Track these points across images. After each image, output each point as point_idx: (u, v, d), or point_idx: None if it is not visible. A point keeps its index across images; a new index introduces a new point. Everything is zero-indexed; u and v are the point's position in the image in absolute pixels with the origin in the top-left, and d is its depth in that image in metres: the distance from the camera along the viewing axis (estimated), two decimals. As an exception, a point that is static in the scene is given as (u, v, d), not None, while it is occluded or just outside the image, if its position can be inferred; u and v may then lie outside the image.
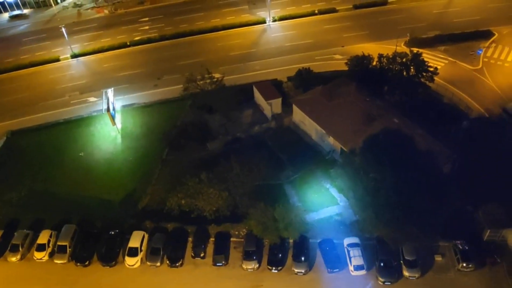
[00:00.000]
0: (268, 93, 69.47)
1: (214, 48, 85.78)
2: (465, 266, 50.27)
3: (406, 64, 65.48)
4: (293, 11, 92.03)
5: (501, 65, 75.03)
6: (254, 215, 53.38)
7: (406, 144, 52.37)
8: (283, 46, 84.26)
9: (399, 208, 47.08)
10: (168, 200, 57.45)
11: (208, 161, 62.51)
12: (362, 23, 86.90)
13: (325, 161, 60.88)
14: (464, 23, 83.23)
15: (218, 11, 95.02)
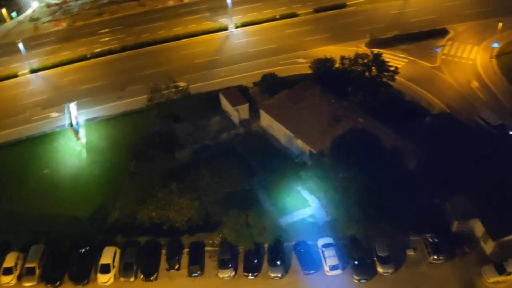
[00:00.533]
0: (234, 99, 69.43)
1: (178, 56, 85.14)
2: (436, 259, 51.59)
3: (368, 65, 66.90)
4: (254, 17, 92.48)
5: (458, 62, 77.68)
6: (227, 223, 53.13)
7: (373, 142, 53.41)
8: (247, 52, 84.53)
9: (370, 206, 47.88)
10: (138, 213, 56.33)
11: (177, 171, 61.72)
12: (323, 26, 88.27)
13: (295, 164, 61.19)
14: (421, 22, 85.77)
15: (179, 19, 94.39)
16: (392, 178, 49.10)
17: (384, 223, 48.72)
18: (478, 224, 52.46)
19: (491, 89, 71.55)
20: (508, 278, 49.39)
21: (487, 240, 51.48)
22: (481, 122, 65.13)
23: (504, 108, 68.35)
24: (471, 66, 76.35)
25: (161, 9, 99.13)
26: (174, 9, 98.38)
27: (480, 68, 75.53)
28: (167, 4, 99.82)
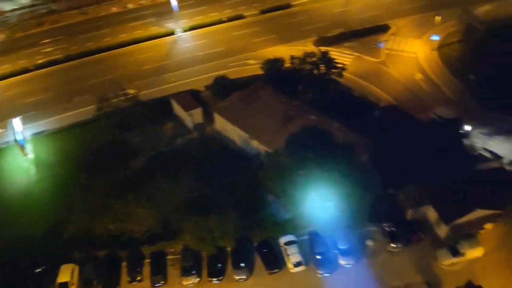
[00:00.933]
0: (187, 104, 68.77)
1: (126, 63, 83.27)
2: (394, 247, 53.32)
3: (316, 63, 68.24)
4: (201, 20, 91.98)
5: (400, 55, 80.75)
6: (188, 229, 52.53)
7: (325, 138, 54.41)
8: (196, 55, 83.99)
9: (328, 200, 48.73)
10: (95, 227, 54.63)
11: (132, 180, 60.44)
12: (270, 27, 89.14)
13: (252, 164, 61.28)
14: (363, 19, 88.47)
15: (124, 25, 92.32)
16: (347, 171, 50.20)
17: (343, 216, 49.74)
18: (431, 210, 54.71)
19: (434, 80, 74.88)
20: (462, 259, 51.85)
21: (440, 224, 53.81)
22: (437, 118, 67.47)
23: (447, 98, 71.69)
24: (413, 59, 79.60)
25: (104, 16, 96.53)
26: (118, 16, 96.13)
27: (423, 61, 78.90)
28: (110, 11, 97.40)
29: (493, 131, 64.19)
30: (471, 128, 63.86)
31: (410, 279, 51.14)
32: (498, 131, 63.97)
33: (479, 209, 51.68)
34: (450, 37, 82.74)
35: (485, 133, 63.18)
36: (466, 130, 64.07)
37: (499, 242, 53.85)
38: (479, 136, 62.91)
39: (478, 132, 63.18)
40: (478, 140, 62.77)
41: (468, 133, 63.25)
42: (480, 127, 64.03)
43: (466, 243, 52.22)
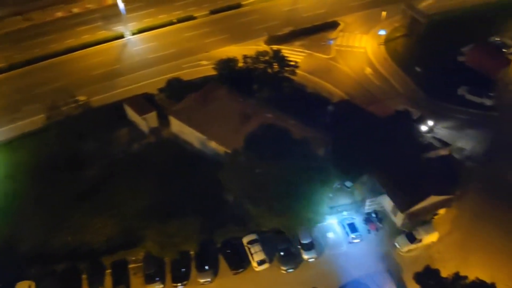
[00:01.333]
0: (141, 108, 67.50)
1: (74, 69, 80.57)
2: (354, 238, 54.72)
3: (269, 62, 68.77)
4: (150, 22, 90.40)
5: (350, 51, 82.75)
6: (149, 236, 51.73)
7: (283, 135, 54.99)
8: (147, 58, 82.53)
9: (288, 197, 49.31)
10: (51, 240, 52.71)
11: (89, 189, 58.83)
12: (221, 27, 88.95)
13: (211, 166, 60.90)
14: (312, 17, 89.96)
15: (71, 31, 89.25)
16: (305, 167, 50.97)
17: (303, 211, 50.49)
18: (387, 199, 56.51)
19: (383, 74, 77.32)
20: (419, 245, 53.92)
21: (397, 213, 55.71)
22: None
23: (396, 90, 74.21)
24: (363, 54, 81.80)
25: (49, 22, 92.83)
26: (64, 21, 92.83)
27: (371, 55, 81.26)
28: (55, 16, 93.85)
29: (440, 120, 67.32)
30: (433, 124, 65.99)
31: (372, 268, 52.62)
32: (445, 120, 67.09)
33: (433, 195, 53.86)
34: (396, 31, 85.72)
35: (433, 123, 65.90)
36: (424, 123, 66.09)
37: (452, 225, 56.46)
38: (429, 125, 65.56)
39: (428, 122, 65.77)
40: (427, 129, 65.40)
41: (418, 123, 65.71)
42: (428, 117, 66.65)
43: (422, 229, 54.35)
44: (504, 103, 70.86)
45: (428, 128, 65.71)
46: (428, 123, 65.92)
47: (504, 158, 62.94)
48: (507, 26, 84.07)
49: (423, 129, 65.50)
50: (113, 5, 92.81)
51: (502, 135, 66.13)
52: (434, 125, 66.16)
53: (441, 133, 65.82)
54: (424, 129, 65.55)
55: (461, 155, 63.61)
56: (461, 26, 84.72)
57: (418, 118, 66.66)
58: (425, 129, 65.57)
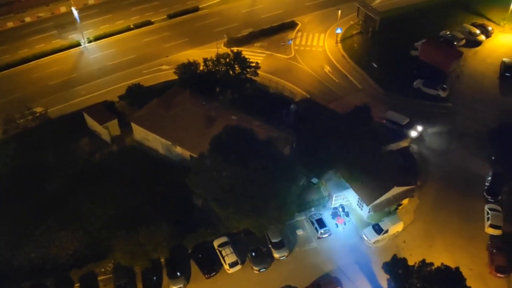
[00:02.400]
0: (101, 117, 66.25)
1: (30, 80, 78.03)
2: (323, 233, 55.64)
3: (231, 64, 68.93)
4: (107, 29, 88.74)
5: (309, 50, 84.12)
6: (118, 246, 50.73)
7: (248, 136, 55.29)
8: (106, 65, 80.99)
9: (256, 197, 49.60)
10: (14, 258, 50.91)
11: (52, 203, 57.19)
12: (180, 31, 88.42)
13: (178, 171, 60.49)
14: (271, 18, 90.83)
15: (23, 41, 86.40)
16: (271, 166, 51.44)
17: (272, 210, 50.91)
18: (352, 193, 57.79)
19: (342, 71, 78.98)
20: (385, 236, 55.42)
21: (362, 206, 57.07)
22: (389, 125, 67.62)
23: (356, 87, 76.01)
24: (321, 53, 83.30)
25: (0, 33, 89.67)
26: (16, 31, 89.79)
27: (329, 53, 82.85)
28: (6, 26, 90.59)
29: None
30: (421, 129, 66.03)
31: (342, 261, 53.70)
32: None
33: (396, 187, 55.52)
34: (352, 29, 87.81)
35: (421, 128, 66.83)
36: (417, 130, 65.66)
37: (415, 214, 58.35)
38: (417, 131, 66.56)
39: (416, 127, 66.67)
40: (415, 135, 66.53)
41: (407, 128, 66.38)
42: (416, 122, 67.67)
43: (387, 220, 55.89)
44: (457, 94, 73.86)
45: (416, 134, 66.07)
46: (417, 128, 66.18)
47: (458, 147, 65.63)
48: (457, 20, 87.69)
49: (412, 135, 65.91)
50: (67, 12, 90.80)
51: (456, 124, 68.92)
52: (422, 131, 66.60)
53: (393, 115, 68.19)
54: (413, 134, 65.93)
55: (420, 146, 65.61)
56: (413, 21, 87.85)
57: (421, 128, 66.39)
58: (414, 135, 65.99)
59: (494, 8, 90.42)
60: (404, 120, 67.25)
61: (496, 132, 66.96)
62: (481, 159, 63.78)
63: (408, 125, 66.65)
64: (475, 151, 64.94)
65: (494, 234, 55.58)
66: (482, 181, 61.19)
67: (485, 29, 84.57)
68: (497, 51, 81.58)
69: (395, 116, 68.05)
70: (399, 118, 67.72)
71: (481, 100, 72.61)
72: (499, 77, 76.51)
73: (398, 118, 67.77)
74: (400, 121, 67.29)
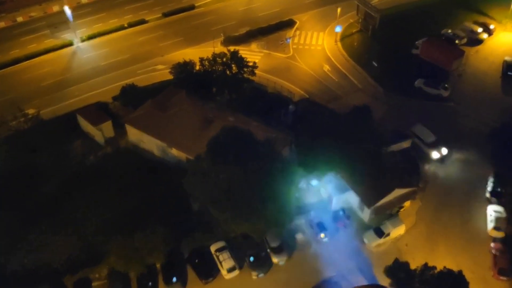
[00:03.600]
0: (95, 118, 64.75)
1: (21, 81, 76.46)
2: (323, 237, 54.36)
3: (227, 63, 67.57)
4: (100, 28, 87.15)
5: (307, 49, 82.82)
6: (112, 251, 49.49)
7: (245, 138, 54.00)
8: (99, 65, 79.44)
9: (255, 200, 48.35)
10: (7, 263, 49.58)
11: (45, 206, 55.76)
12: (175, 29, 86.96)
13: (174, 173, 59.14)
14: (268, 16, 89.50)
15: (15, 41, 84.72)
16: (269, 168, 50.20)
17: (271, 214, 49.63)
18: (353, 196, 56.53)
19: (341, 71, 77.72)
20: (387, 239, 54.20)
21: (363, 208, 55.81)
22: (415, 139, 63.87)
23: (355, 86, 74.73)
24: (320, 52, 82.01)
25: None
26: (7, 31, 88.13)
27: (329, 52, 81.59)
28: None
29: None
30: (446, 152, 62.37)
31: (343, 265, 52.46)
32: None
33: (397, 189, 54.29)
34: (351, 27, 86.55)
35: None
36: (441, 152, 61.66)
37: (417, 217, 57.15)
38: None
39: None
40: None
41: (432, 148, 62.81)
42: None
43: (389, 223, 54.65)
44: (459, 93, 72.69)
45: (438, 156, 62.45)
46: (442, 150, 62.52)
47: (461, 147, 64.33)
48: (458, 18, 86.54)
49: (433, 156, 62.23)
50: (60, 12, 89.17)
51: (458, 125, 67.71)
52: (446, 155, 62.73)
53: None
54: (434, 156, 62.29)
55: (437, 169, 62.07)
56: (413, 19, 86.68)
57: (432, 142, 62.84)
58: (435, 156, 62.34)
59: (496, 6, 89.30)
60: (430, 138, 63.10)
61: (498, 132, 65.81)
62: (483, 159, 62.60)
63: (433, 144, 62.57)
64: (477, 151, 63.72)
65: (497, 236, 54.54)
66: (484, 182, 60.05)
67: (486, 27, 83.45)
68: (499, 49, 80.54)
69: (422, 131, 63.69)
70: (425, 134, 63.39)
71: (483, 99, 71.46)
72: (501, 76, 75.43)
73: (424, 134, 63.43)
74: (425, 137, 63.13)
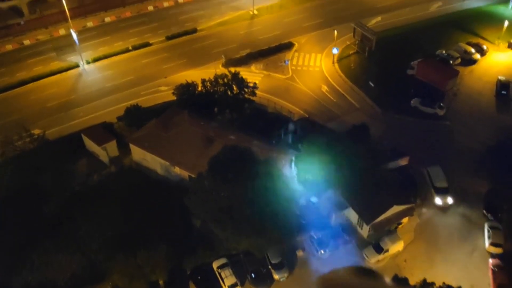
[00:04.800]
0: (99, 138, 66.19)
1: (27, 103, 78.20)
2: (323, 253, 55.10)
3: (229, 84, 69.35)
4: (106, 51, 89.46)
5: (306, 70, 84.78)
6: (116, 269, 50.10)
7: (246, 156, 55.25)
8: (104, 87, 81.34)
9: (255, 217, 49.30)
10: (11, 282, 50.12)
11: (49, 225, 56.53)
12: (179, 52, 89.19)
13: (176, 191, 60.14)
14: (268, 38, 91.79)
15: (22, 63, 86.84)
16: (270, 187, 51.28)
17: (272, 231, 50.54)
18: (352, 212, 57.50)
19: (339, 91, 79.50)
20: (386, 255, 54.93)
21: (362, 225, 56.70)
22: (426, 177, 63.06)
23: (353, 106, 76.38)
24: (318, 73, 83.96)
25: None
26: (15, 53, 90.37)
27: (327, 73, 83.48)
28: (5, 49, 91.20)
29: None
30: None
31: (343, 281, 53.01)
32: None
33: (396, 205, 55.30)
34: (348, 49, 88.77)
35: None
36: (447, 201, 59.64)
37: (416, 233, 57.96)
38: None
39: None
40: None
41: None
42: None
43: (388, 239, 55.45)
44: (454, 112, 74.29)
45: (441, 204, 60.22)
46: (448, 199, 60.23)
47: (456, 165, 65.51)
48: (452, 39, 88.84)
49: (436, 202, 60.52)
50: (66, 35, 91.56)
51: (454, 142, 69.05)
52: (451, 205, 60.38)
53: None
54: (437, 202, 60.41)
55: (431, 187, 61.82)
56: (409, 41, 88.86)
57: (441, 188, 60.36)
58: (438, 203, 60.40)
59: (488, 27, 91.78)
60: (441, 183, 60.58)
61: (493, 150, 67.10)
62: (479, 176, 63.72)
63: (441, 190, 60.54)
64: (474, 168, 64.90)
65: (495, 252, 55.18)
66: (481, 199, 61.00)
67: (480, 48, 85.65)
68: (493, 69, 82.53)
69: (437, 174, 61.40)
70: (438, 178, 61.01)
71: (478, 118, 73.04)
72: (495, 95, 77.16)
73: (437, 177, 61.06)
74: (436, 181, 60.97)
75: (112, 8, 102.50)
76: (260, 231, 49.75)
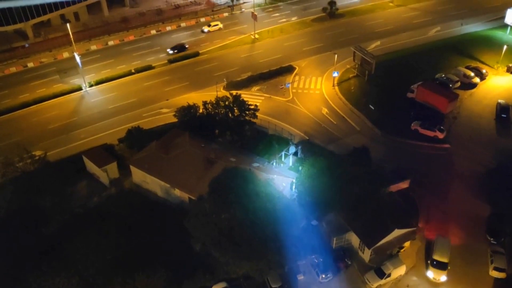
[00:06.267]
0: (100, 160, 66.23)
1: (29, 124, 78.66)
2: (324, 277, 54.35)
3: (230, 107, 69.78)
4: (109, 73, 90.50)
5: (306, 93, 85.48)
6: (114, 292, 49.43)
7: (247, 178, 55.13)
8: (106, 109, 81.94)
9: (256, 240, 48.83)
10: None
11: (47, 247, 55.96)
12: (180, 75, 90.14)
13: (177, 214, 59.82)
14: (269, 62, 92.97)
15: (25, 85, 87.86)
16: (271, 208, 50.98)
17: (272, 254, 49.99)
18: (354, 236, 56.96)
19: (339, 114, 79.91)
20: (388, 279, 54.12)
21: (364, 249, 56.08)
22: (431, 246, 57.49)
23: (354, 129, 76.64)
24: (319, 96, 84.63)
25: (2, 77, 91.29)
26: (18, 76, 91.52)
27: (327, 96, 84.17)
28: (9, 71, 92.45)
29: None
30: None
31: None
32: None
33: (397, 229, 54.80)
34: (348, 72, 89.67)
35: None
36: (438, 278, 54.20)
37: (417, 257, 57.23)
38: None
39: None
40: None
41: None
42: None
43: (389, 263, 54.70)
44: (454, 135, 74.42)
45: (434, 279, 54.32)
46: (441, 277, 54.03)
47: (457, 188, 65.27)
48: (451, 63, 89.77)
49: (430, 276, 54.64)
50: (69, 58, 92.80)
51: (454, 165, 68.93)
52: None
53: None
54: (430, 276, 54.58)
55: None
56: (408, 65, 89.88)
57: (441, 263, 54.28)
58: (431, 277, 54.44)
59: (487, 51, 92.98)
60: (441, 257, 55.13)
61: (494, 172, 66.93)
62: (480, 200, 63.39)
63: (438, 264, 54.81)
64: (475, 191, 64.61)
65: (499, 277, 54.40)
66: (483, 223, 60.51)
67: (479, 71, 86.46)
68: (492, 92, 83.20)
69: (442, 246, 56.58)
70: (441, 251, 55.83)
71: (478, 141, 73.14)
72: (495, 118, 77.45)
73: (441, 250, 55.96)
74: (437, 253, 55.58)
75: (116, 32, 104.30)
76: (260, 254, 49.22)
